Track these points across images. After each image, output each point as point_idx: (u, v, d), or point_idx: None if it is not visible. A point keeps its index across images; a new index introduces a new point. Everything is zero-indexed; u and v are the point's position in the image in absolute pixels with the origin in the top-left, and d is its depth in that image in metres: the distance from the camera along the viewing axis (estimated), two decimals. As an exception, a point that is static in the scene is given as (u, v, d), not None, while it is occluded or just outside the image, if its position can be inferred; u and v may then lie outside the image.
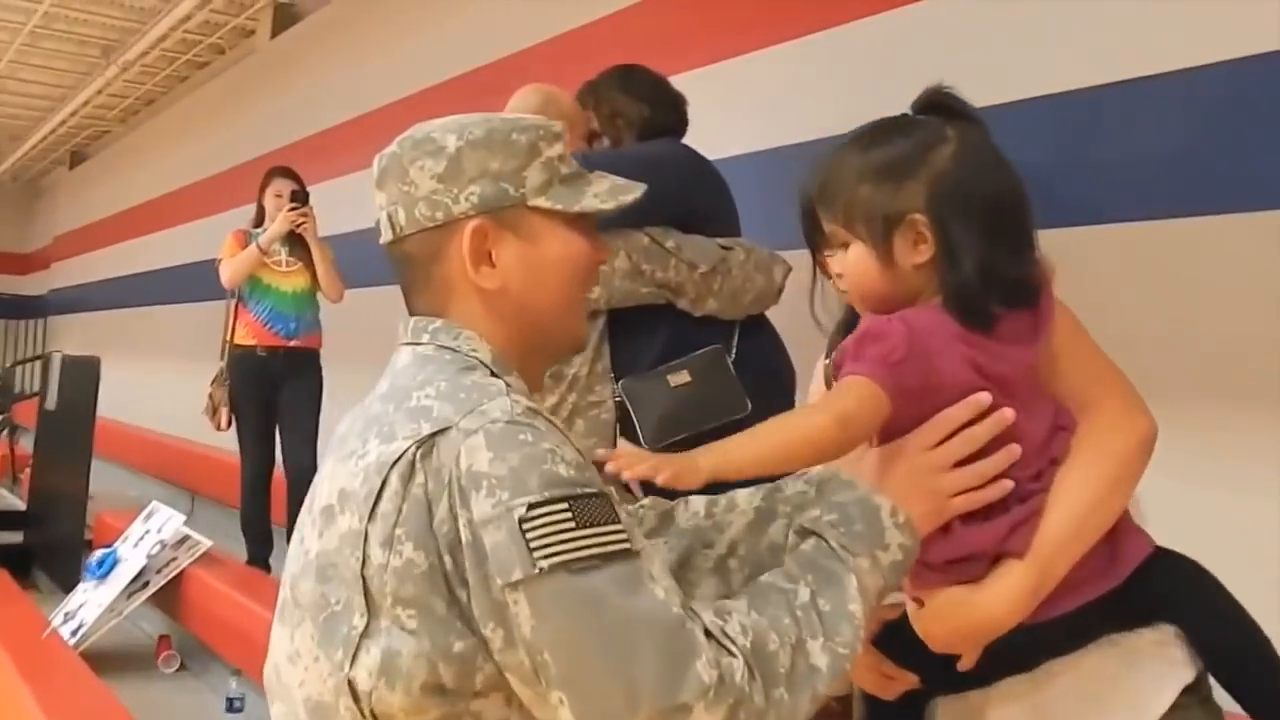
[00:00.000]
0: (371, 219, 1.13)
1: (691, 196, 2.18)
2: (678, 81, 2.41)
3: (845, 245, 1.15)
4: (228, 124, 7.71)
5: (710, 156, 2.30)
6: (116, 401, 7.61)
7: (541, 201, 1.11)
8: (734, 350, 2.14)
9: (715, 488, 1.11)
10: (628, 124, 2.27)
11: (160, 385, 7.77)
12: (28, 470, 6.24)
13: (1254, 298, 2.01)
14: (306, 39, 6.66)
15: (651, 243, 2.10)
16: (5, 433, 6.80)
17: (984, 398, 1.08)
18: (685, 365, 2.08)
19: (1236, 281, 2.04)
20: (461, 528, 0.95)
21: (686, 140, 2.32)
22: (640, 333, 2.11)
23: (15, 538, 5.59)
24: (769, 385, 2.12)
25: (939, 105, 1.18)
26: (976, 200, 1.11)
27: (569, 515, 0.94)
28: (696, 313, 2.13)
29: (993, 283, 1.09)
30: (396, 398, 1.05)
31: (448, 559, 0.94)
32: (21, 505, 6.29)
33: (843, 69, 2.80)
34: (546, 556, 0.92)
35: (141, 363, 8.43)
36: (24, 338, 11.84)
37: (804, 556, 1.05)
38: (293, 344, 4.35)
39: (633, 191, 1.14)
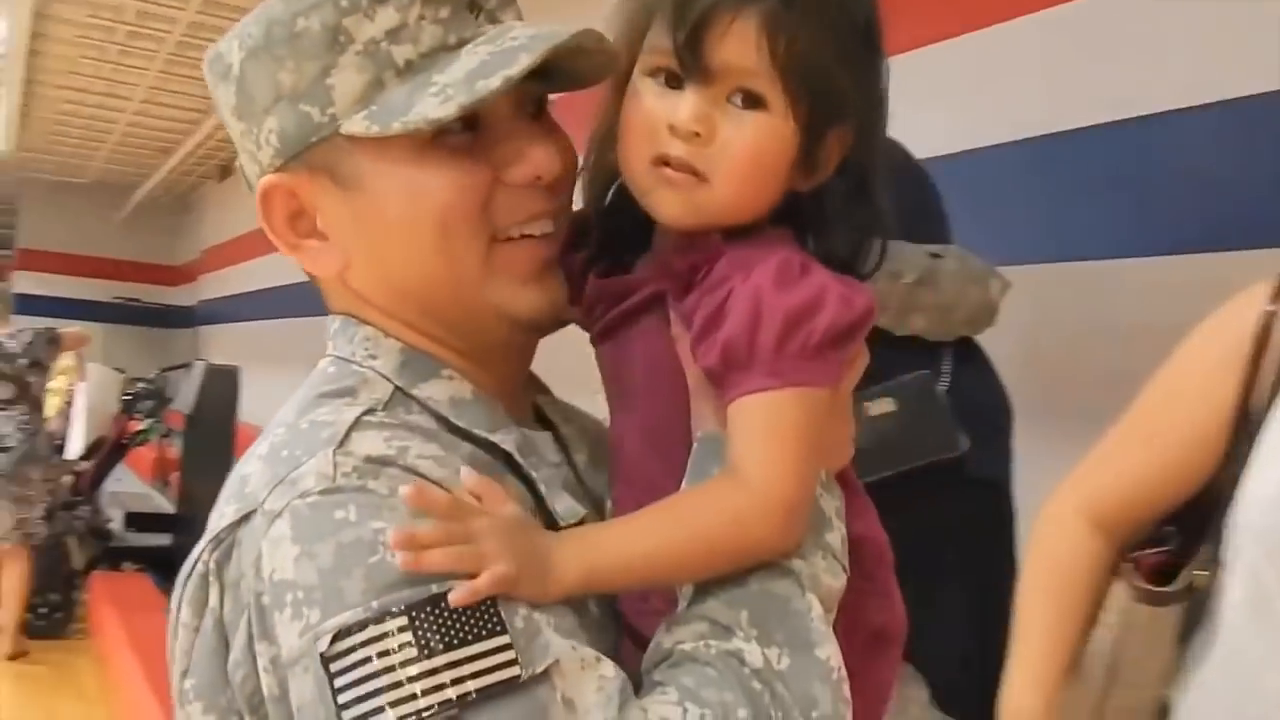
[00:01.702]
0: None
1: (893, 195, 1.90)
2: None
3: (751, 101, 0.72)
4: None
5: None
6: (266, 412, 7.70)
7: (356, 125, 0.71)
8: (945, 377, 1.84)
9: None
10: None
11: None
12: (176, 474, 6.37)
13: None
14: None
15: None
16: (157, 436, 6.95)
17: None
18: (889, 392, 1.77)
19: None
20: (263, 673, 0.64)
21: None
22: None
23: (164, 540, 5.71)
24: (986, 424, 1.83)
25: None
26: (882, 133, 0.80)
27: (408, 639, 0.59)
28: (899, 331, 1.82)
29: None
30: (245, 455, 0.74)
31: None
32: (171, 508, 6.43)
33: (1056, 56, 2.49)
34: (363, 715, 0.59)
35: (291, 374, 8.45)
36: (176, 347, 12.19)
37: (724, 578, 0.69)
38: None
39: (516, 62, 0.69)
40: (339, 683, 0.60)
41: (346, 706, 0.60)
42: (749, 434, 0.70)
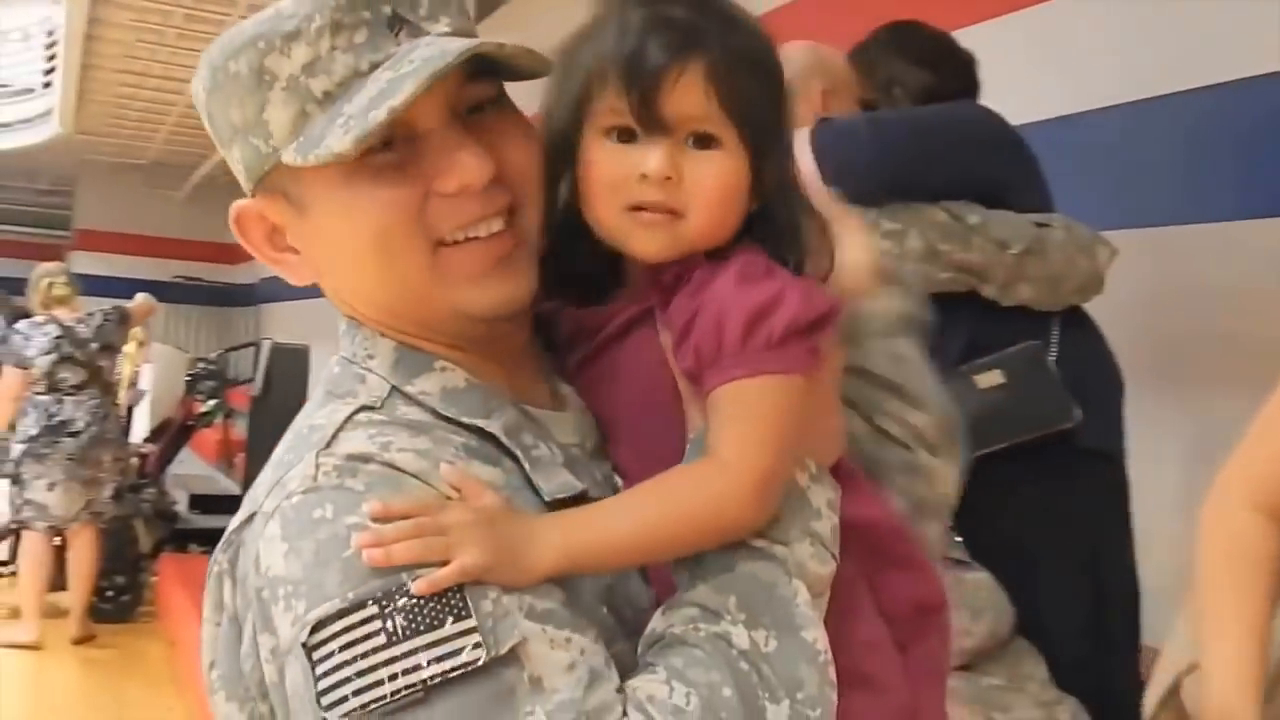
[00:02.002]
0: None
1: (992, 166, 1.85)
2: (970, 34, 2.10)
3: (704, 141, 0.79)
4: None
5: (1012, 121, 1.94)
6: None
7: (288, 156, 0.76)
8: (1054, 347, 1.80)
9: None
10: (906, 92, 1.94)
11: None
12: (241, 455, 6.41)
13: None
14: (510, 24, 6.55)
15: (950, 219, 1.76)
16: (220, 417, 7.01)
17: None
18: (997, 364, 1.75)
19: None
20: (265, 663, 0.71)
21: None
22: (939, 326, 1.78)
23: (229, 521, 5.73)
24: (1096, 393, 1.79)
25: None
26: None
27: (378, 626, 0.65)
28: (1005, 302, 1.80)
29: None
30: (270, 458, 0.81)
31: (263, 710, 0.73)
32: (236, 489, 6.47)
33: (1170, 18, 2.41)
34: (336, 702, 0.65)
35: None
36: (239, 325, 12.33)
37: (713, 565, 0.73)
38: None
39: (400, 91, 0.71)
40: (318, 670, 0.65)
41: (324, 692, 0.65)
42: (721, 419, 0.74)
